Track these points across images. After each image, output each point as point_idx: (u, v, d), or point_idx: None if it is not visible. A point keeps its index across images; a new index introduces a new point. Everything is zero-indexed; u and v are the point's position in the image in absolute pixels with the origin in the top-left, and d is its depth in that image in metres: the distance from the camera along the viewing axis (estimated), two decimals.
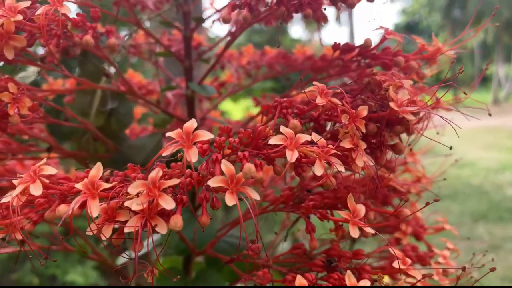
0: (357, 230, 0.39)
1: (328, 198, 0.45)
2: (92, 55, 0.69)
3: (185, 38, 0.66)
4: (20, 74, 0.66)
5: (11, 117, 0.44)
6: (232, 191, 0.34)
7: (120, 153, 0.64)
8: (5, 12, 0.40)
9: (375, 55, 0.50)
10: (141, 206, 0.32)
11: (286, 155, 0.36)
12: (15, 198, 0.36)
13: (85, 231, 0.36)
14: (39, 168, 0.37)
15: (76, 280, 2.21)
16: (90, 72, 0.66)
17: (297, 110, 0.42)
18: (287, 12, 0.43)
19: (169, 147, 0.33)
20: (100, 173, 0.35)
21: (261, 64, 0.85)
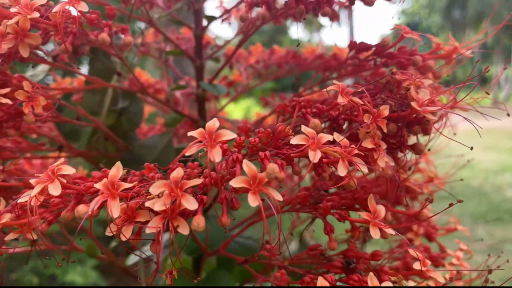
0: (378, 231, 0.39)
1: (345, 198, 0.44)
2: (102, 53, 0.68)
3: (196, 37, 0.66)
4: (29, 72, 0.66)
5: (26, 116, 0.43)
6: (255, 191, 0.33)
7: (131, 152, 0.63)
8: (21, 9, 0.40)
9: (392, 54, 0.50)
10: (164, 206, 0.31)
11: (308, 155, 0.36)
12: (33, 198, 0.35)
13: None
14: (57, 167, 0.36)
15: (76, 280, 2.21)
16: (99, 71, 0.65)
17: (316, 109, 0.41)
18: (306, 10, 0.42)
19: (193, 147, 0.33)
20: (120, 173, 0.35)
21: (269, 63, 0.85)
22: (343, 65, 0.54)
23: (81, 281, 2.22)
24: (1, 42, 0.41)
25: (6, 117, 0.44)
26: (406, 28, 0.47)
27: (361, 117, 0.41)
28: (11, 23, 0.39)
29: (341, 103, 0.38)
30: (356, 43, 0.51)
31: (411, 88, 0.40)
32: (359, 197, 0.45)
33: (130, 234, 0.34)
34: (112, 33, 0.44)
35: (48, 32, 0.44)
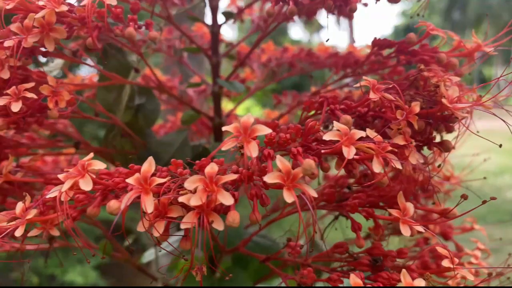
0: (408, 228, 0.38)
1: (372, 196, 0.44)
2: (116, 49, 0.68)
3: (212, 34, 0.65)
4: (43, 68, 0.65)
5: (51, 111, 0.43)
6: (289, 187, 0.33)
7: (148, 149, 0.63)
8: (48, 2, 0.40)
9: (415, 51, 0.50)
10: (200, 201, 0.31)
11: (340, 152, 0.36)
12: (64, 193, 0.35)
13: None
14: (87, 162, 0.36)
15: (76, 279, 2.20)
16: (114, 67, 0.65)
17: (344, 106, 0.41)
18: (333, 6, 0.42)
19: (228, 142, 0.32)
20: (152, 168, 0.34)
21: (281, 62, 0.84)
22: (365, 62, 0.54)
23: (81, 281, 2.22)
24: (27, 36, 0.41)
25: (30, 112, 0.44)
26: (431, 25, 0.47)
27: (390, 113, 0.41)
28: (39, 16, 0.39)
29: (373, 99, 0.38)
30: (380, 40, 0.50)
31: (440, 85, 0.40)
32: (385, 195, 0.45)
33: (162, 229, 0.34)
34: (137, 28, 0.44)
35: (72, 26, 0.44)
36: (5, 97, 0.42)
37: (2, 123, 0.43)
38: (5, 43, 0.41)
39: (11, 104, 0.41)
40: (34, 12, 0.43)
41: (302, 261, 0.47)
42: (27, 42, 0.41)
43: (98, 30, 0.42)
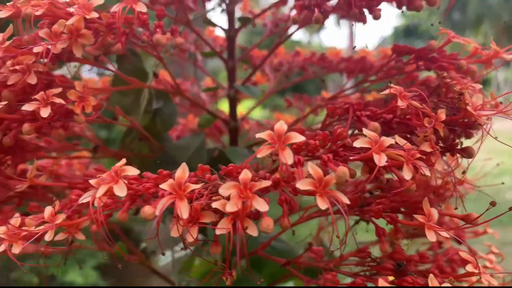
0: (434, 234, 0.39)
1: (395, 201, 0.45)
2: (131, 54, 0.68)
3: (229, 38, 0.66)
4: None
5: (78, 116, 0.43)
6: (322, 194, 0.33)
7: (165, 153, 0.63)
8: (79, 9, 0.40)
9: (434, 58, 0.50)
10: (236, 207, 0.32)
11: (369, 159, 0.36)
12: (97, 199, 0.35)
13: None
14: (120, 168, 0.36)
15: (76, 280, 2.20)
16: (129, 71, 0.65)
17: (370, 112, 0.42)
18: (359, 14, 0.43)
19: (264, 149, 0.33)
20: (186, 174, 0.35)
21: (293, 66, 0.85)
22: (383, 67, 0.54)
23: (81, 281, 2.22)
24: (56, 42, 0.41)
25: (56, 117, 0.44)
26: (452, 33, 0.48)
27: (415, 120, 0.41)
28: (70, 23, 0.39)
29: (401, 106, 0.38)
30: (400, 46, 0.51)
31: (465, 93, 0.40)
32: (407, 200, 0.46)
33: (196, 234, 0.34)
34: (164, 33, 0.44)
35: (98, 32, 0.44)
36: (34, 102, 0.42)
37: (29, 128, 0.43)
38: (34, 49, 0.42)
39: (40, 110, 0.41)
40: (61, 18, 0.43)
41: (324, 266, 0.47)
42: (56, 48, 0.41)
43: (126, 36, 0.43)
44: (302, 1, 0.44)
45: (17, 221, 0.42)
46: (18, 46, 0.45)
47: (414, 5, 0.45)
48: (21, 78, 0.44)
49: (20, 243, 0.41)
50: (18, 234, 0.41)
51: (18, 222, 0.42)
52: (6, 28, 0.46)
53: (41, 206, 0.53)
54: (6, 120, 0.45)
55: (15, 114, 0.47)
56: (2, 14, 0.42)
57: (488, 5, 7.32)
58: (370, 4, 0.44)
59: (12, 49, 0.44)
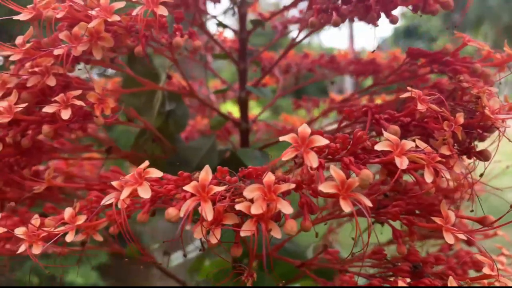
0: (451, 236, 0.39)
1: (411, 204, 0.45)
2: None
3: (241, 41, 0.66)
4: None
5: (97, 118, 0.43)
6: (345, 196, 0.34)
7: (177, 154, 0.63)
8: (100, 12, 0.40)
9: (449, 61, 0.50)
10: (261, 210, 0.32)
11: (389, 162, 0.37)
12: (121, 201, 0.35)
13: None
14: (144, 170, 0.36)
15: (76, 280, 2.20)
16: (140, 72, 0.65)
17: (388, 115, 0.42)
18: (376, 16, 0.43)
19: (288, 152, 0.33)
20: (210, 176, 0.35)
21: (302, 68, 0.85)
22: (397, 70, 0.55)
23: (81, 282, 2.22)
24: (77, 44, 0.42)
25: (75, 119, 0.44)
26: (467, 37, 0.48)
27: (432, 124, 0.42)
28: (92, 25, 0.40)
29: (420, 110, 0.38)
30: (414, 49, 0.51)
31: (482, 96, 0.41)
32: (422, 203, 0.46)
33: (219, 236, 0.34)
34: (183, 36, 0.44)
35: (117, 34, 0.44)
36: (54, 104, 0.42)
37: (49, 129, 0.44)
38: (55, 51, 0.42)
39: (61, 112, 0.41)
40: (80, 21, 0.44)
41: (339, 267, 0.48)
42: (77, 50, 0.42)
43: (146, 39, 0.43)
44: (320, 4, 0.45)
45: (37, 222, 0.43)
46: (37, 49, 0.46)
47: (430, 9, 0.46)
48: (40, 80, 0.45)
49: (40, 243, 0.42)
50: (38, 235, 0.42)
51: (38, 223, 0.43)
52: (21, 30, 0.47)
53: (56, 207, 0.54)
54: (24, 121, 0.45)
55: (33, 116, 0.47)
56: (23, 17, 0.43)
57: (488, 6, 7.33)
58: (387, 8, 0.44)
59: (32, 52, 0.44)
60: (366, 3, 0.43)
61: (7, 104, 0.43)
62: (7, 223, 0.48)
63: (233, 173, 0.41)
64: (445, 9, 0.47)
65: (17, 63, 0.48)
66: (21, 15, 0.43)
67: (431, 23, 8.39)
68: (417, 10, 0.46)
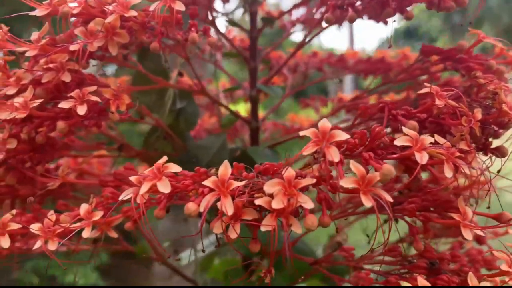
0: (469, 232, 0.39)
1: (426, 200, 0.45)
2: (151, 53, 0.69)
3: (251, 39, 0.66)
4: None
5: (112, 115, 0.43)
6: (365, 192, 0.33)
7: (188, 152, 0.63)
8: (117, 7, 0.40)
9: (462, 58, 0.50)
10: (282, 204, 0.32)
11: (410, 157, 0.36)
12: (140, 196, 0.35)
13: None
14: (163, 165, 0.36)
15: (76, 280, 2.20)
16: (150, 69, 0.65)
17: (404, 111, 0.42)
18: (392, 12, 0.43)
19: (309, 147, 0.33)
20: (229, 171, 0.35)
21: (310, 67, 0.85)
22: (410, 68, 0.55)
23: (81, 282, 2.22)
24: (93, 40, 0.42)
25: (90, 115, 0.44)
26: (482, 33, 0.48)
27: (448, 120, 0.42)
28: (109, 21, 0.40)
29: (439, 106, 0.38)
30: (428, 46, 0.51)
31: (500, 92, 0.41)
32: (437, 199, 0.46)
33: (239, 231, 0.34)
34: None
35: (132, 30, 0.44)
36: (70, 100, 0.42)
37: (64, 126, 0.43)
38: (71, 46, 0.42)
39: (77, 107, 0.41)
40: (95, 17, 0.44)
41: (354, 264, 0.47)
42: (92, 46, 0.42)
43: (161, 35, 0.43)
44: (335, 0, 0.45)
45: (52, 218, 0.43)
46: (52, 45, 0.46)
47: (445, 6, 0.46)
48: (55, 76, 0.45)
49: (56, 239, 0.42)
50: (53, 231, 0.42)
51: (53, 219, 0.43)
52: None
53: (68, 204, 0.54)
54: (39, 118, 0.45)
55: (46, 112, 0.47)
56: (39, 12, 0.43)
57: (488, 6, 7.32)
58: (402, 5, 0.44)
59: (47, 48, 0.44)
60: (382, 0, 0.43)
61: (22, 100, 0.43)
62: (22, 219, 0.48)
63: (249, 168, 0.41)
64: (459, 6, 0.47)
65: (31, 59, 0.48)
66: (37, 10, 0.43)
67: (431, 24, 8.39)
68: (432, 6, 0.46)
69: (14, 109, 0.43)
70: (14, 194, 0.55)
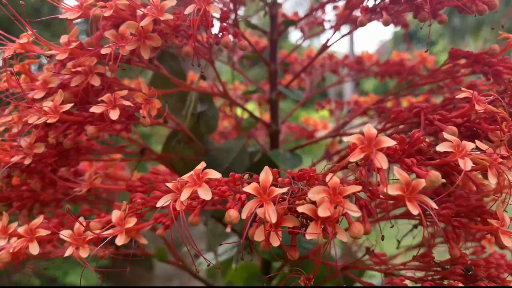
0: (508, 239, 0.39)
1: (460, 206, 0.44)
2: (169, 56, 0.68)
3: (271, 41, 0.66)
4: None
5: (144, 119, 0.43)
6: (411, 199, 0.33)
7: (208, 156, 0.63)
8: (151, 10, 0.40)
9: (492, 62, 0.50)
10: (329, 212, 0.31)
11: (451, 163, 0.36)
12: (180, 202, 0.35)
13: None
14: (203, 171, 0.36)
15: (76, 281, 2.19)
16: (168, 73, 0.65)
17: (440, 116, 0.41)
18: (428, 16, 0.43)
19: (356, 153, 0.32)
20: (270, 178, 0.34)
21: (325, 69, 0.85)
22: (438, 71, 0.54)
23: (82, 283, 2.21)
24: (125, 44, 0.41)
25: (121, 119, 0.44)
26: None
27: (484, 124, 0.41)
28: (144, 23, 0.39)
29: (479, 111, 0.38)
30: (457, 50, 0.51)
31: None
32: (470, 204, 0.45)
33: (280, 238, 0.34)
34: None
35: (163, 34, 0.44)
36: (101, 104, 0.42)
37: (94, 130, 0.43)
38: (102, 50, 0.41)
39: (109, 112, 0.41)
40: (125, 20, 0.43)
41: (385, 270, 0.47)
42: (125, 50, 0.41)
43: (193, 39, 0.42)
44: (366, 4, 0.44)
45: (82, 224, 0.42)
46: (79, 48, 0.45)
47: (478, 9, 0.45)
48: (84, 80, 0.44)
49: (87, 246, 0.41)
50: (84, 238, 0.41)
51: (83, 225, 0.42)
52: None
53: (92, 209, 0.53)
54: (67, 122, 0.44)
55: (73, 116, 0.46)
56: (71, 15, 0.42)
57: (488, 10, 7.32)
58: (435, 8, 0.44)
59: (76, 51, 0.44)
60: (416, 3, 0.43)
61: (52, 104, 0.42)
62: (48, 225, 0.47)
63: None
64: (490, 9, 0.47)
65: (57, 63, 0.47)
66: (68, 13, 0.42)
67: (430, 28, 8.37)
68: (464, 10, 0.46)
69: (43, 113, 0.42)
70: (36, 199, 0.54)
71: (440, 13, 0.44)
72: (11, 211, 0.51)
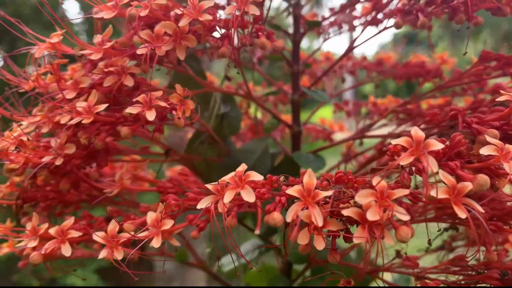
0: None
1: (495, 209, 0.44)
2: (189, 57, 0.68)
3: (294, 42, 0.65)
4: None
5: (179, 120, 0.42)
6: (457, 202, 0.33)
7: (231, 157, 0.62)
8: (188, 10, 0.39)
9: None
10: (378, 216, 0.31)
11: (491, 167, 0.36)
12: (223, 205, 0.34)
13: None
14: (245, 174, 0.35)
15: (76, 282, 2.19)
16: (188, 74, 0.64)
17: (477, 119, 0.41)
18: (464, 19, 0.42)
19: (405, 156, 0.32)
20: (314, 181, 0.34)
21: (343, 71, 0.85)
22: (466, 73, 0.54)
23: (82, 284, 2.21)
24: (161, 44, 0.41)
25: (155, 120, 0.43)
26: None
27: None
28: (182, 24, 0.39)
29: None
30: (487, 52, 0.51)
31: None
32: (504, 208, 0.45)
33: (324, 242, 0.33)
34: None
35: (198, 34, 0.43)
36: (137, 105, 0.41)
37: (128, 131, 0.42)
38: (138, 50, 0.41)
39: (145, 113, 0.40)
40: (159, 20, 0.43)
41: (417, 274, 0.47)
42: (161, 50, 0.41)
43: (229, 40, 0.42)
44: (402, 6, 0.44)
45: (115, 226, 0.41)
46: (112, 48, 0.44)
47: (503, 13, 0.45)
48: (117, 80, 0.44)
49: (120, 248, 0.40)
50: (117, 240, 0.41)
51: (117, 227, 0.41)
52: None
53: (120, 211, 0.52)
54: (100, 122, 0.44)
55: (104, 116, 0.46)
56: (106, 15, 0.42)
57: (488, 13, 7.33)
58: (472, 10, 0.43)
59: (110, 51, 0.43)
60: (452, 5, 0.43)
61: (86, 105, 0.42)
62: (76, 227, 0.46)
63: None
64: None
65: (88, 62, 0.47)
66: (104, 13, 0.42)
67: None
68: (498, 12, 0.46)
69: (76, 113, 0.42)
70: (61, 200, 0.54)
71: (475, 15, 0.44)
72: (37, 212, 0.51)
